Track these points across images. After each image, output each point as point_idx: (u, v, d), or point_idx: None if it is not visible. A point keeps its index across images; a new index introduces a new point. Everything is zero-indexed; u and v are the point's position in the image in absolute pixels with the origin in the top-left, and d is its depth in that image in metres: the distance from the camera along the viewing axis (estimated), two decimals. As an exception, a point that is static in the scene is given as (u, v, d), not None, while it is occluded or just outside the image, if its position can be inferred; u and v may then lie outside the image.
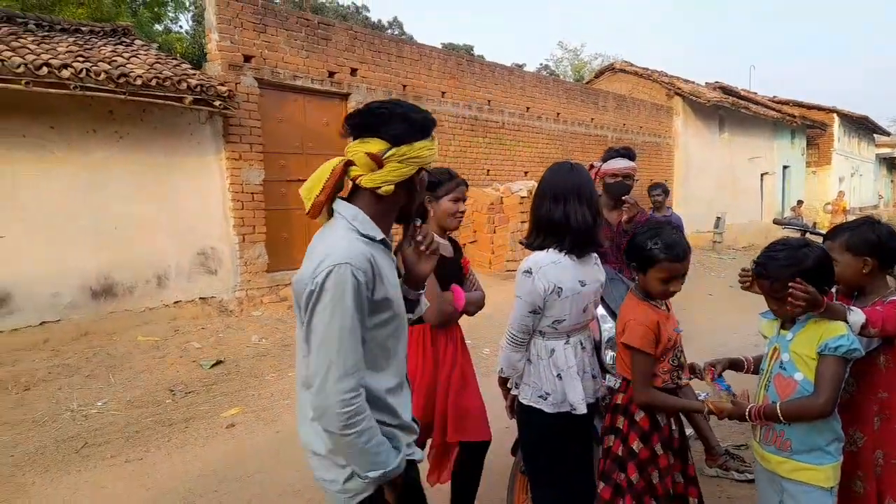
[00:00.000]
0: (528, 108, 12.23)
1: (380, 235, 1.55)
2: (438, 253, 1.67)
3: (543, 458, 2.25)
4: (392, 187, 1.52)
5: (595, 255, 2.28)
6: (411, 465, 1.63)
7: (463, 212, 2.57)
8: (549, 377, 2.17)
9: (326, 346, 1.41)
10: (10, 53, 5.67)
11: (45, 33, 7.13)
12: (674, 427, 2.20)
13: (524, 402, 2.23)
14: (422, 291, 1.76)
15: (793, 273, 1.89)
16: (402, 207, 1.63)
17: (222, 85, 7.12)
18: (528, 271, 2.12)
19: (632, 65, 18.08)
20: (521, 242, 2.47)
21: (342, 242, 1.46)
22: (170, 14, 20.70)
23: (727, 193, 18.43)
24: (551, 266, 2.11)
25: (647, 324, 2.10)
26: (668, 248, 2.08)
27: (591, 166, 3.78)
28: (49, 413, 4.63)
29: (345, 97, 9.05)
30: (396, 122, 1.52)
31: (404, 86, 9.84)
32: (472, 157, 11.04)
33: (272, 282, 8.02)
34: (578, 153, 13.24)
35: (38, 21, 7.50)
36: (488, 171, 11.37)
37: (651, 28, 67.23)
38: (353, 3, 28.45)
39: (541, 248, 2.17)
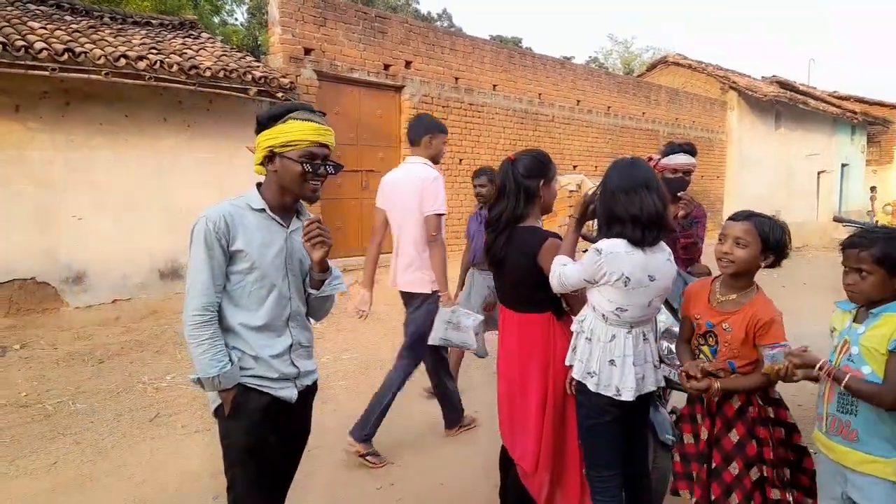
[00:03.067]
0: (578, 102, 12.18)
1: (257, 205, 1.98)
2: (328, 244, 1.98)
3: (591, 437, 2.35)
4: (260, 168, 2.03)
5: (668, 250, 2.33)
6: (265, 396, 1.99)
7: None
8: (600, 359, 2.26)
9: (188, 274, 1.92)
10: (91, 46, 6.02)
11: (120, 26, 7.51)
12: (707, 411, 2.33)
13: (575, 376, 2.35)
14: (326, 274, 2.06)
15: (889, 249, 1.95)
16: (286, 188, 1.98)
17: (284, 77, 7.38)
18: (599, 251, 2.20)
19: (685, 58, 17.73)
20: (585, 237, 2.55)
21: (217, 205, 1.95)
22: (227, 7, 21.30)
23: (782, 191, 17.95)
24: (624, 255, 2.18)
25: (687, 289, 2.50)
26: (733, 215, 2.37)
27: (650, 158, 3.81)
28: (123, 385, 4.94)
29: (398, 89, 9.22)
30: (256, 122, 2.03)
31: (457, 78, 9.95)
32: (520, 149, 11.05)
33: (325, 268, 8.27)
34: (629, 147, 13.10)
35: (113, 14, 7.90)
36: (537, 164, 11.41)
37: (704, 21, 65.43)
38: (403, -7, 28.59)
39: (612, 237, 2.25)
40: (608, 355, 2.27)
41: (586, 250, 3.21)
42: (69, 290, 6.21)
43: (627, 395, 2.25)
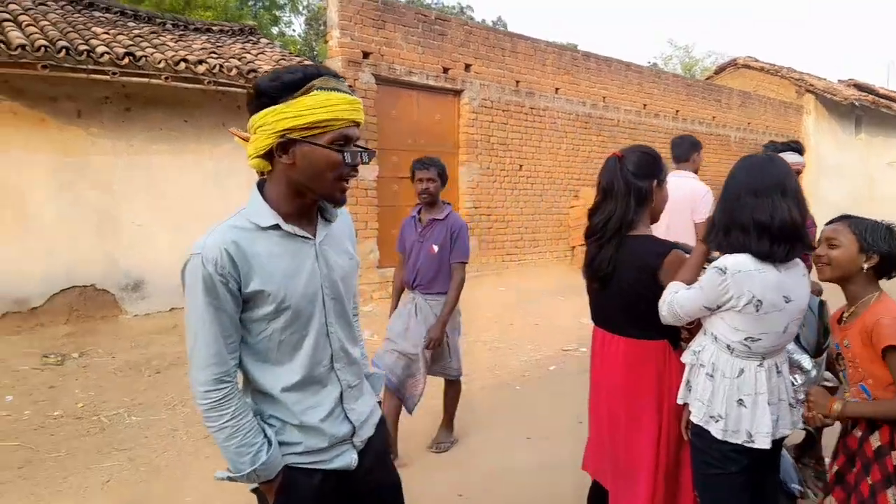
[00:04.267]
0: (644, 105, 11.65)
1: (266, 222, 1.42)
2: None
3: (712, 490, 1.96)
4: (259, 161, 1.43)
5: (803, 265, 1.94)
6: (317, 473, 1.51)
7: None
8: (727, 399, 1.89)
9: (188, 336, 1.39)
10: (151, 50, 5.97)
11: (182, 32, 7.50)
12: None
13: (694, 420, 1.96)
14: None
15: None
16: (308, 188, 1.43)
17: (343, 80, 7.19)
18: (723, 269, 1.82)
19: (756, 60, 16.86)
20: (704, 240, 2.13)
21: (211, 233, 1.40)
22: (285, 18, 21.64)
23: (863, 200, 16.79)
24: (755, 273, 1.80)
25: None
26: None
27: None
28: (178, 397, 4.77)
29: (458, 93, 8.95)
30: (252, 94, 1.42)
31: (517, 81, 9.61)
32: (584, 156, 10.64)
33: (382, 277, 8.04)
34: (698, 153, 12.47)
35: (175, 21, 7.91)
36: (601, 170, 10.94)
37: (768, 24, 62.99)
38: (458, 3, 28.55)
39: (737, 251, 1.87)
40: (736, 394, 1.89)
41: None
42: (127, 298, 6.15)
43: (762, 443, 1.86)
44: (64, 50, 5.24)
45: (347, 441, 1.55)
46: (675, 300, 1.94)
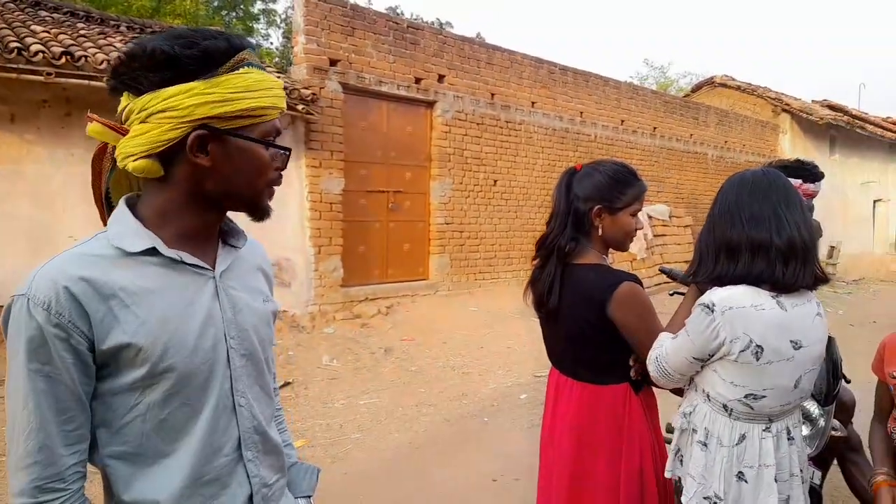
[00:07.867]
0: (622, 121, 11.43)
1: (136, 245, 0.98)
2: None
3: None
4: (148, 163, 0.98)
5: (816, 301, 1.56)
6: None
7: (639, 229, 1.90)
8: (725, 474, 1.50)
9: (8, 417, 0.93)
10: (94, 50, 5.53)
11: (136, 35, 7.06)
12: None
13: (685, 501, 1.57)
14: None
15: None
16: (228, 196, 1.05)
17: (306, 88, 6.80)
18: (709, 307, 1.44)
19: (733, 79, 16.85)
20: (680, 278, 1.78)
21: (50, 262, 0.95)
22: (261, 31, 21.22)
23: (837, 221, 16.78)
24: (750, 311, 1.42)
25: (885, 340, 2.03)
26: None
27: None
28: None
29: (430, 105, 8.60)
30: (142, 61, 0.96)
31: (492, 94, 9.30)
32: (560, 172, 10.27)
33: (346, 297, 7.60)
34: (676, 171, 12.29)
35: (130, 24, 7.51)
36: (578, 187, 10.65)
37: (742, 45, 64.14)
38: (437, 19, 28.44)
39: (729, 283, 1.49)
40: (736, 465, 1.50)
41: (674, 293, 2.43)
42: (61, 319, 5.62)
43: None
44: (-9, 47, 4.78)
45: None
46: (661, 355, 1.57)
